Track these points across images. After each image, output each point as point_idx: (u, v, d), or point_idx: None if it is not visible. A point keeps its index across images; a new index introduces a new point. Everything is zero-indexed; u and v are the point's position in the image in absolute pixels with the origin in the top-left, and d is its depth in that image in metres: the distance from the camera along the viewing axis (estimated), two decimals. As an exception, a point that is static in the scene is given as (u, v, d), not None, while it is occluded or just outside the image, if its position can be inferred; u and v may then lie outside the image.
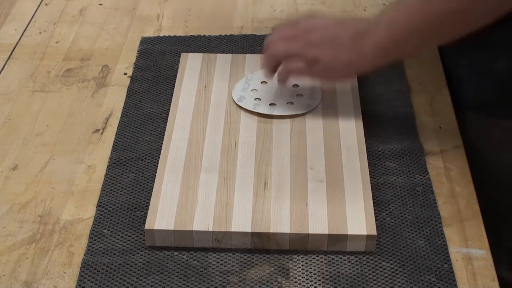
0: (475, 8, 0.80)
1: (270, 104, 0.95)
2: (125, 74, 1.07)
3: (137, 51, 1.11)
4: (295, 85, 0.98)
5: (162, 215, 0.81)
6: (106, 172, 0.90)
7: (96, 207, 0.86)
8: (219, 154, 0.89)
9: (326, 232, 0.79)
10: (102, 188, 0.88)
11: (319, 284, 0.77)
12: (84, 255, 0.80)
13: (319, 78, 0.93)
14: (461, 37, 0.82)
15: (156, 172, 0.87)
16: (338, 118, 0.94)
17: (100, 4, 1.22)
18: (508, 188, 0.97)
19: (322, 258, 0.79)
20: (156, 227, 0.80)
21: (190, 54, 1.06)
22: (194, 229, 0.79)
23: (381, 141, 0.94)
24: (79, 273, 0.78)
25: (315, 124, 0.93)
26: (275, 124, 0.93)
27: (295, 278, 0.77)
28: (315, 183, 0.84)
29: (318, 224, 0.80)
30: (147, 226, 0.80)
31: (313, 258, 0.79)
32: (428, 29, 0.83)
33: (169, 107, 0.98)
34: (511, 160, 0.96)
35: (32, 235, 0.83)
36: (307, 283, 0.77)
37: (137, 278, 0.77)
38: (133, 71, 1.07)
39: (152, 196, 0.83)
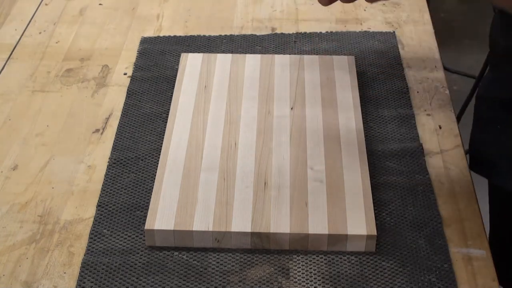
0: None
1: None
2: (125, 74, 1.07)
3: (137, 51, 1.11)
4: None
5: (162, 215, 0.81)
6: (106, 172, 0.90)
7: (96, 207, 0.86)
8: (219, 154, 0.89)
9: (326, 232, 0.79)
10: (102, 188, 0.88)
11: (319, 284, 0.77)
12: (84, 255, 0.80)
13: None
14: None
15: (156, 172, 0.88)
16: (338, 118, 0.94)
17: (100, 4, 1.22)
18: None
19: (322, 258, 0.79)
20: (156, 227, 0.80)
21: (190, 54, 1.06)
22: (194, 229, 0.79)
23: (381, 141, 0.94)
24: (79, 273, 0.78)
25: (315, 124, 0.93)
26: (275, 124, 0.93)
27: (295, 278, 0.77)
28: (315, 183, 0.84)
29: (318, 224, 0.80)
30: (147, 226, 0.80)
31: (313, 258, 0.79)
32: None
33: (169, 107, 0.98)
34: None
35: (32, 235, 0.83)
36: (307, 283, 0.77)
37: (137, 278, 0.77)
38: (133, 71, 1.07)
39: (152, 196, 0.83)
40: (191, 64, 1.03)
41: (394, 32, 1.14)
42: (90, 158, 0.93)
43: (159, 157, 0.89)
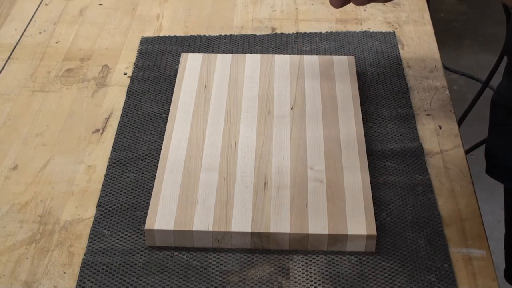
0: None
1: None
2: (125, 74, 1.07)
3: (137, 51, 1.11)
4: None
5: (162, 215, 0.81)
6: (106, 172, 0.90)
7: (96, 207, 0.86)
8: (219, 154, 0.89)
9: (326, 232, 0.79)
10: (102, 188, 0.88)
11: (319, 284, 0.77)
12: (84, 255, 0.80)
13: None
14: None
15: (156, 172, 0.88)
16: (338, 118, 0.94)
17: (100, 4, 1.22)
18: None
19: (322, 258, 0.79)
20: (156, 227, 0.80)
21: (190, 54, 1.06)
22: (194, 229, 0.79)
23: (381, 141, 0.94)
24: (79, 273, 0.78)
25: (315, 124, 0.93)
26: (275, 124, 0.93)
27: (295, 278, 0.77)
28: (315, 183, 0.84)
29: (318, 224, 0.80)
30: (147, 226, 0.80)
31: (313, 258, 0.79)
32: None
33: (169, 107, 0.98)
34: None
35: (32, 235, 0.83)
36: (307, 283, 0.77)
37: (137, 278, 0.77)
38: (133, 71, 1.07)
39: (152, 196, 0.83)
40: (191, 64, 1.04)
41: (394, 32, 1.14)
42: (90, 158, 0.93)
43: (159, 157, 0.89)
